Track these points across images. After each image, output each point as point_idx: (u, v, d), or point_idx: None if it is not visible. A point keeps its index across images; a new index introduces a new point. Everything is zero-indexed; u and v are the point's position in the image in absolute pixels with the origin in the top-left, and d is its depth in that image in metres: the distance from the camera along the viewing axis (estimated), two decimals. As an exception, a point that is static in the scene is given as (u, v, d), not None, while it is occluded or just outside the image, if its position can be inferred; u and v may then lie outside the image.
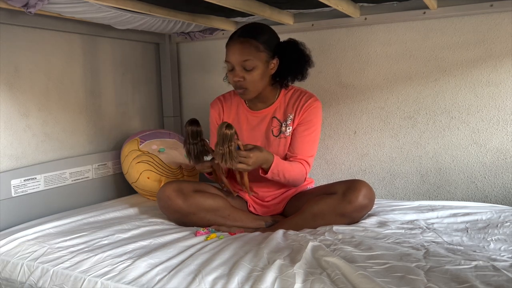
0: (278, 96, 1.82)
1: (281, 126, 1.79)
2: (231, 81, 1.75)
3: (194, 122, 1.68)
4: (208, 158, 1.72)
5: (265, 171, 1.69)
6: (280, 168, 1.69)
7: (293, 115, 1.78)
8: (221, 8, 1.92)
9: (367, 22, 2.13)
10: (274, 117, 1.81)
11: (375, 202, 1.74)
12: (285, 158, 1.80)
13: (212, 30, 2.43)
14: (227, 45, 1.73)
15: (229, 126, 1.54)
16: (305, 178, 1.82)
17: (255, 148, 1.62)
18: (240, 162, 1.58)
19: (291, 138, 1.79)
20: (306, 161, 1.77)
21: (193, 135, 1.68)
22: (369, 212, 1.74)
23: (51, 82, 2.06)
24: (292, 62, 1.75)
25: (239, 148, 1.58)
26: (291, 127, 1.78)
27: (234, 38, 1.72)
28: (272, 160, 1.66)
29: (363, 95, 2.21)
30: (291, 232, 1.60)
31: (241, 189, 1.84)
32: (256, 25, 1.78)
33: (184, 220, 1.74)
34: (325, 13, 2.18)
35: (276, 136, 1.79)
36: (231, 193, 1.83)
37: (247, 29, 1.73)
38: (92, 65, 2.26)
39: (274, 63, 1.74)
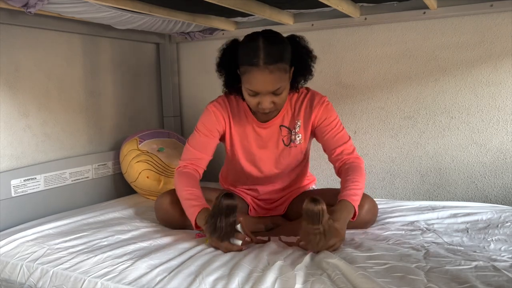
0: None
1: (291, 134, 1.70)
2: (254, 105, 1.56)
3: (230, 195, 1.42)
4: (237, 242, 1.45)
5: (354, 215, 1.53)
6: (356, 198, 1.52)
7: (301, 121, 1.69)
8: (221, 8, 1.91)
9: (367, 22, 2.13)
10: (282, 125, 1.70)
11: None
12: (303, 163, 1.78)
13: (212, 30, 2.43)
14: (251, 72, 1.48)
15: (318, 200, 1.33)
16: (363, 166, 1.66)
17: (334, 215, 1.43)
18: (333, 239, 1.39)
19: (323, 138, 1.69)
20: (351, 151, 1.66)
21: (227, 211, 1.41)
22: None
23: (51, 82, 2.06)
24: (303, 65, 1.62)
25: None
26: (300, 135, 1.69)
27: (259, 66, 1.46)
28: (352, 207, 1.49)
29: (363, 95, 2.21)
30: (292, 237, 1.57)
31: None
32: (275, 40, 1.53)
33: (184, 229, 1.70)
34: (325, 13, 2.17)
35: (287, 146, 1.71)
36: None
37: (272, 52, 1.47)
38: (92, 65, 2.25)
39: (291, 72, 1.59)
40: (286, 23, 2.22)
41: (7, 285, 1.46)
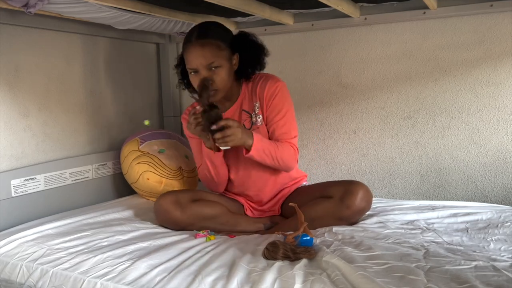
0: (241, 89, 1.79)
1: (251, 117, 1.77)
2: (196, 84, 1.67)
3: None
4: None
5: (248, 150, 1.63)
6: (265, 145, 1.65)
7: (258, 103, 1.75)
8: (221, 8, 1.92)
9: (367, 22, 2.13)
10: (243, 110, 1.78)
11: (375, 201, 1.73)
12: None
13: (212, 30, 2.43)
14: (186, 49, 1.66)
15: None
16: (296, 160, 1.77)
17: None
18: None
19: (267, 128, 1.76)
20: (290, 144, 1.74)
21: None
22: (369, 212, 1.74)
23: (51, 82, 2.06)
24: (250, 55, 1.73)
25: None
26: (260, 116, 1.75)
27: (192, 41, 1.64)
28: (252, 135, 1.62)
29: (363, 95, 2.21)
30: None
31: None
32: (209, 24, 1.74)
33: (184, 230, 1.72)
34: (325, 13, 2.17)
35: (249, 129, 1.74)
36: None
37: (203, 30, 1.67)
38: (92, 65, 2.25)
39: (236, 59, 1.71)
40: (286, 23, 2.22)
41: (7, 285, 1.46)
